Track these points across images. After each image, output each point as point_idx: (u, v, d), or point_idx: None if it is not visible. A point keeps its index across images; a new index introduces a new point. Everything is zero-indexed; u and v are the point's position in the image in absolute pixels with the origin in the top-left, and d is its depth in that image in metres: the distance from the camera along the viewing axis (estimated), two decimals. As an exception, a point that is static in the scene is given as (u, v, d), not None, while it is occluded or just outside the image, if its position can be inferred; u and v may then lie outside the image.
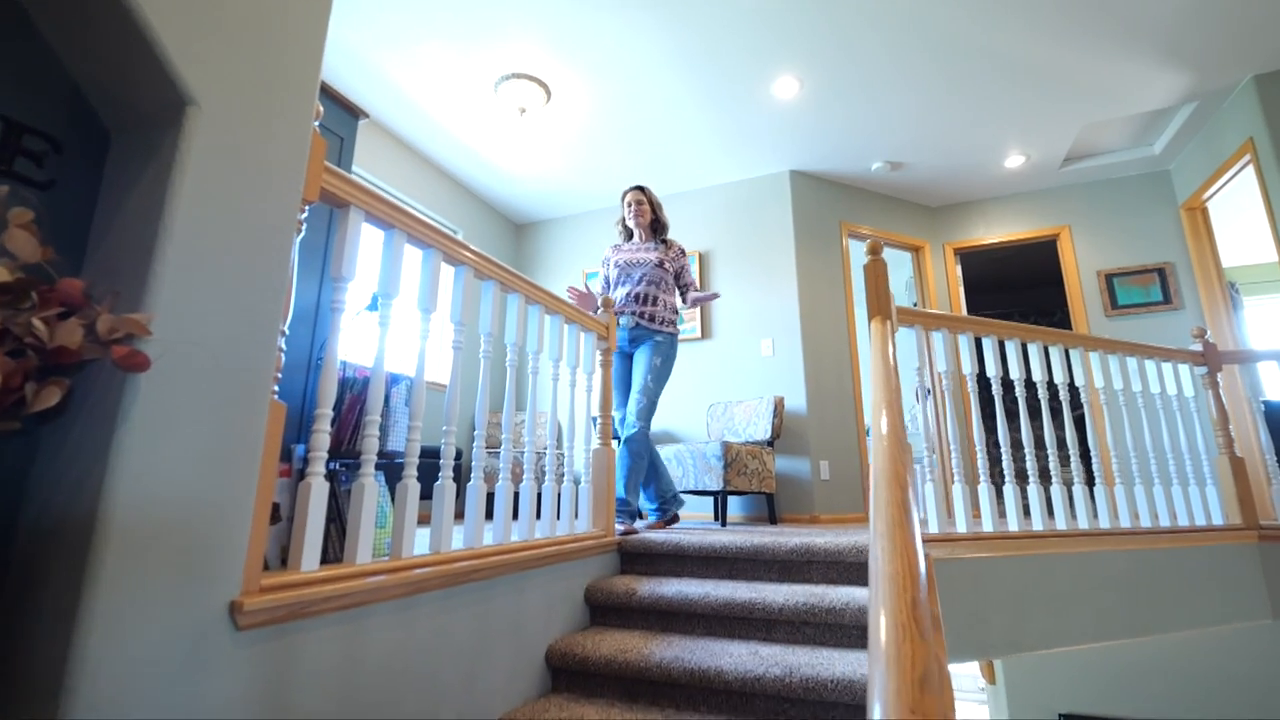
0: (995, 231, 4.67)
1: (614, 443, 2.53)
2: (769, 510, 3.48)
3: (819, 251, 4.25)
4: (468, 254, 1.75)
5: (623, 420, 2.75)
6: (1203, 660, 3.74)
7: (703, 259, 4.40)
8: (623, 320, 2.81)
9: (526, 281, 2.01)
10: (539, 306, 2.10)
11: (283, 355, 1.13)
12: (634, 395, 2.72)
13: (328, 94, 1.83)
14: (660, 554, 2.32)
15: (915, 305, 5.05)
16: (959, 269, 4.79)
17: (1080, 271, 4.39)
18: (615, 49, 3.20)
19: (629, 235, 3.06)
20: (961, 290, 4.71)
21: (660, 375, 2.76)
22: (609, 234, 4.76)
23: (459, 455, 3.31)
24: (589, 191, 4.64)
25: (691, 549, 2.26)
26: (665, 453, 3.46)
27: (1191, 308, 4.07)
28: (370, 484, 1.30)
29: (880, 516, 1.03)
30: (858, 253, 5.28)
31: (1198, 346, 2.96)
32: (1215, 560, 2.51)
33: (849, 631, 1.78)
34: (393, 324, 1.45)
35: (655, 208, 3.02)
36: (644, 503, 2.85)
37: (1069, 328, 4.77)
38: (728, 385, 4.12)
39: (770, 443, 3.60)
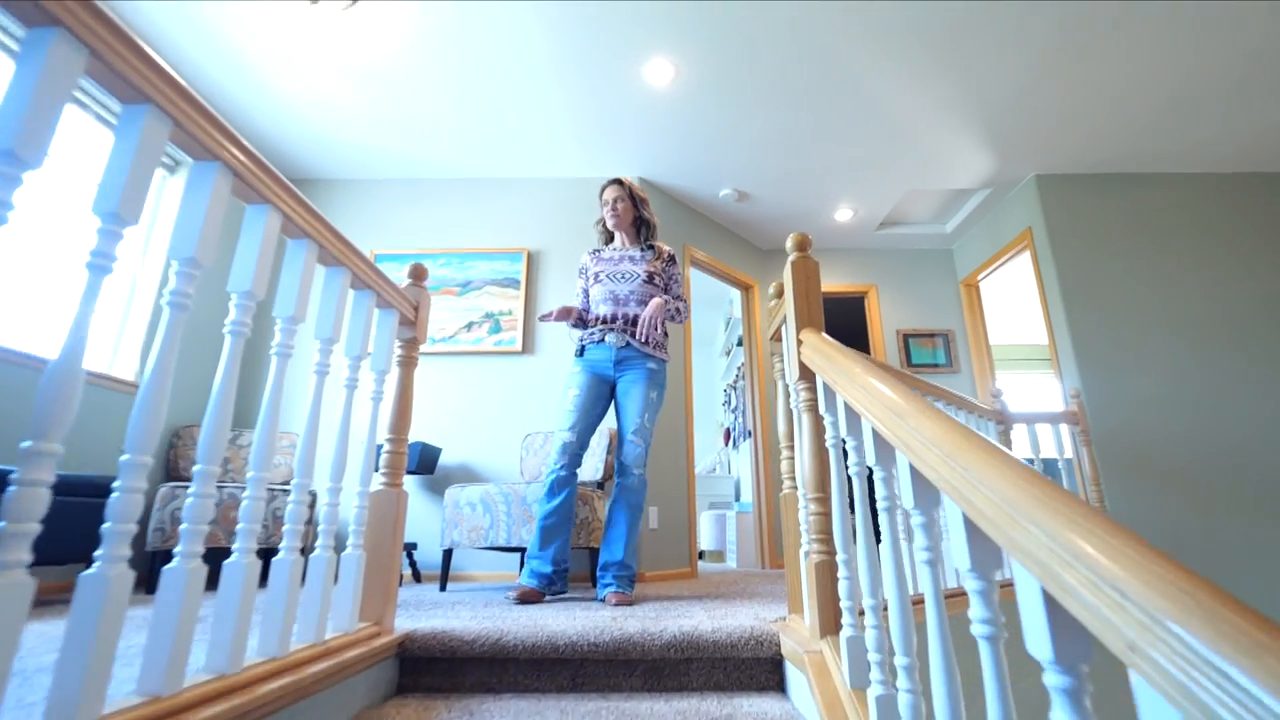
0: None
1: (553, 476, 2.19)
2: (591, 568, 2.82)
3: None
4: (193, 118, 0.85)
5: (564, 448, 2.25)
6: None
7: (531, 259, 3.69)
8: (610, 339, 2.31)
9: (305, 207, 1.14)
10: (306, 242, 1.23)
11: None
12: (630, 439, 2.24)
13: None
14: (470, 656, 1.52)
15: (740, 342, 4.95)
16: (782, 313, 4.80)
17: (884, 328, 4.67)
18: (460, -44, 2.43)
19: (609, 238, 2.57)
20: (783, 334, 4.70)
21: (656, 411, 2.30)
22: (422, 213, 3.81)
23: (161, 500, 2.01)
24: (396, 152, 3.65)
25: (518, 646, 1.50)
26: (468, 497, 2.62)
27: (965, 372, 4.54)
28: None
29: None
30: (698, 282, 5.05)
31: (995, 405, 3.14)
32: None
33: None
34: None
35: (638, 203, 2.50)
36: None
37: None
38: (549, 412, 3.42)
39: (601, 484, 2.97)
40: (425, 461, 3.07)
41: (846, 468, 1.25)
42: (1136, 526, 3.16)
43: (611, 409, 2.41)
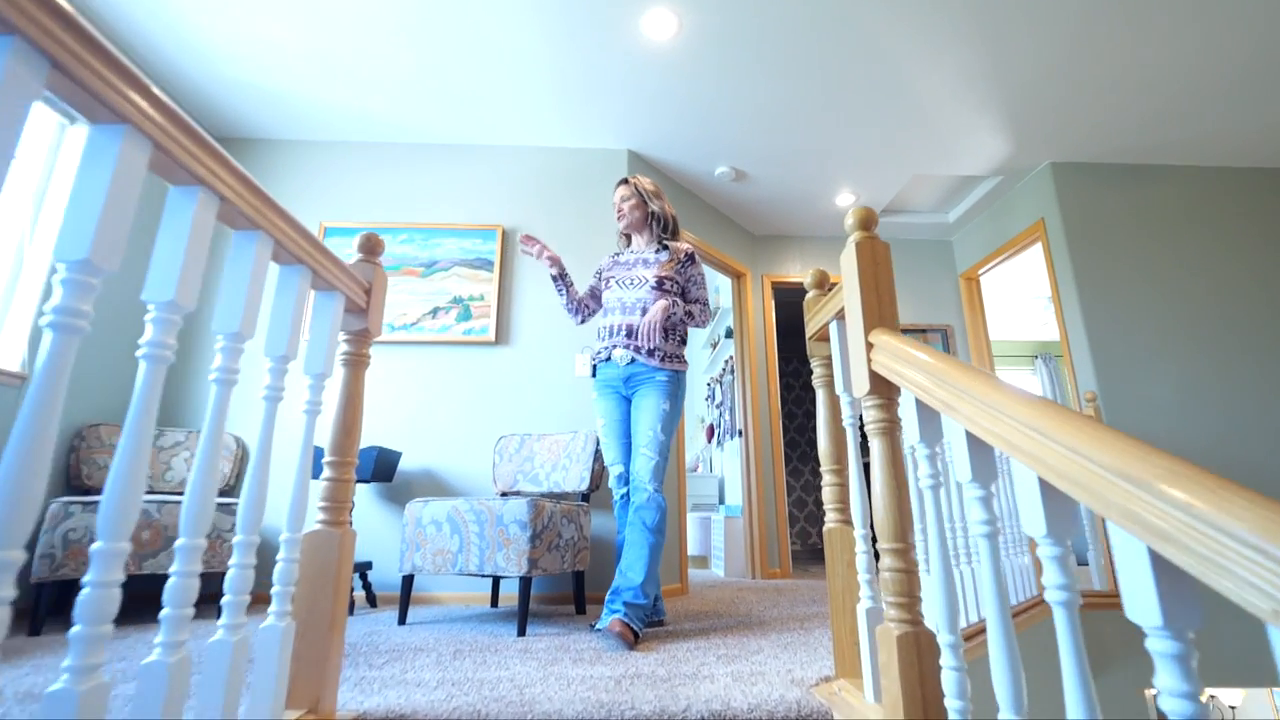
0: (812, 270, 4.48)
1: (617, 504, 2.17)
2: (575, 591, 2.47)
3: (651, 255, 3.48)
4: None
5: (620, 478, 2.19)
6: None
7: (505, 237, 3.28)
8: (616, 355, 2.17)
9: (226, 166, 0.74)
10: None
11: None
12: (640, 451, 2.07)
13: None
14: (436, 756, 1.15)
15: (729, 334, 4.64)
16: (773, 304, 4.51)
17: (881, 323, 4.41)
18: None
19: (628, 240, 2.42)
20: (774, 326, 4.41)
21: (670, 422, 2.11)
22: (380, 182, 3.35)
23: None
24: (350, 110, 3.18)
25: (502, 737, 1.15)
26: (432, 514, 2.23)
27: (964, 370, 4.33)
28: None
29: None
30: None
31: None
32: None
33: None
34: None
35: (648, 197, 2.32)
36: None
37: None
38: (526, 411, 3.03)
39: (586, 496, 2.62)
40: (382, 468, 2.66)
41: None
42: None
43: None
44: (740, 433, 4.07)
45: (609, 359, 2.19)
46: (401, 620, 2.23)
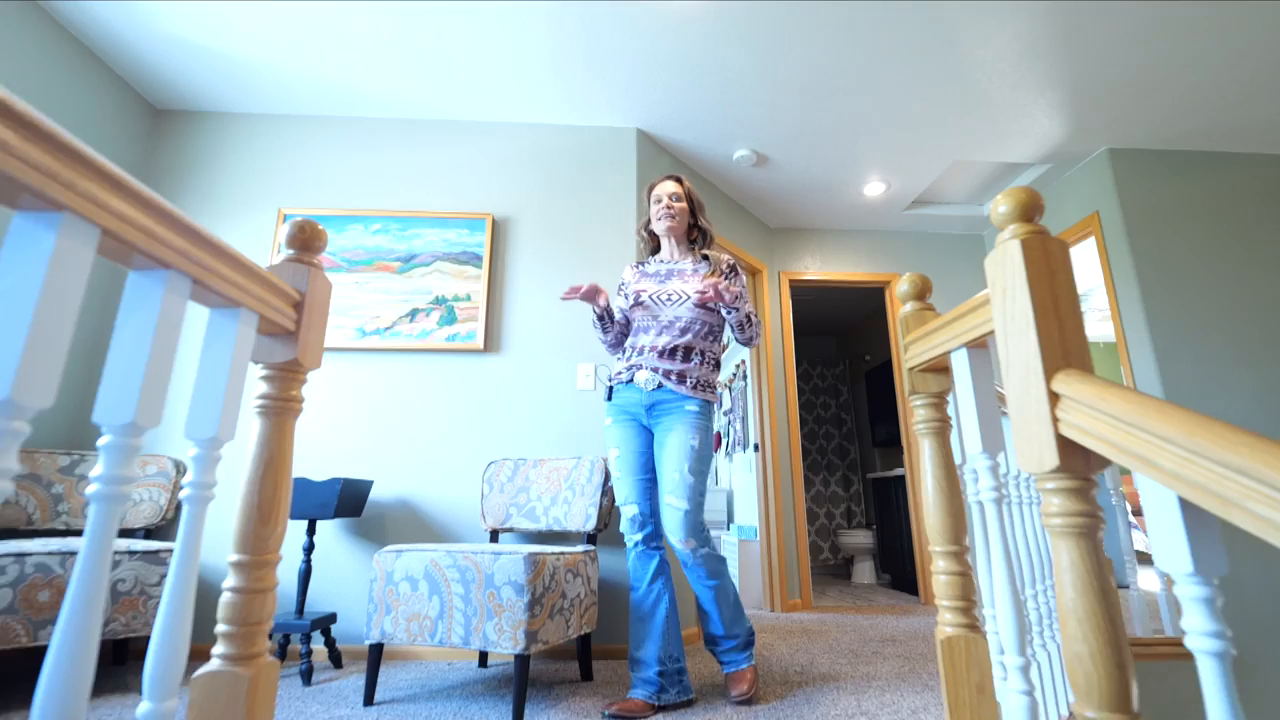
0: (831, 267, 4.10)
1: (632, 553, 1.84)
2: (580, 656, 2.06)
3: (662, 250, 3.06)
4: None
5: (635, 522, 1.84)
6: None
7: (496, 228, 2.84)
8: (640, 379, 1.87)
9: None
10: None
11: None
12: (667, 500, 1.77)
13: None
14: None
15: (742, 339, 4.23)
16: (791, 305, 4.11)
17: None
18: None
19: (654, 247, 2.13)
20: (791, 329, 4.01)
21: (701, 462, 1.81)
22: (351, 163, 2.89)
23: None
24: (317, 79, 2.72)
25: None
26: (406, 569, 1.81)
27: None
28: None
29: None
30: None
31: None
32: None
33: None
34: None
35: (697, 208, 2.08)
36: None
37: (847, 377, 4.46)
38: (521, 431, 2.61)
39: (593, 537, 2.21)
40: (348, 502, 2.23)
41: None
42: (1232, 577, 2.63)
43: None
44: (756, 446, 3.67)
45: (630, 381, 1.89)
46: (368, 700, 1.81)
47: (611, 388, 1.93)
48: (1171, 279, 3.03)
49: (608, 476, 2.24)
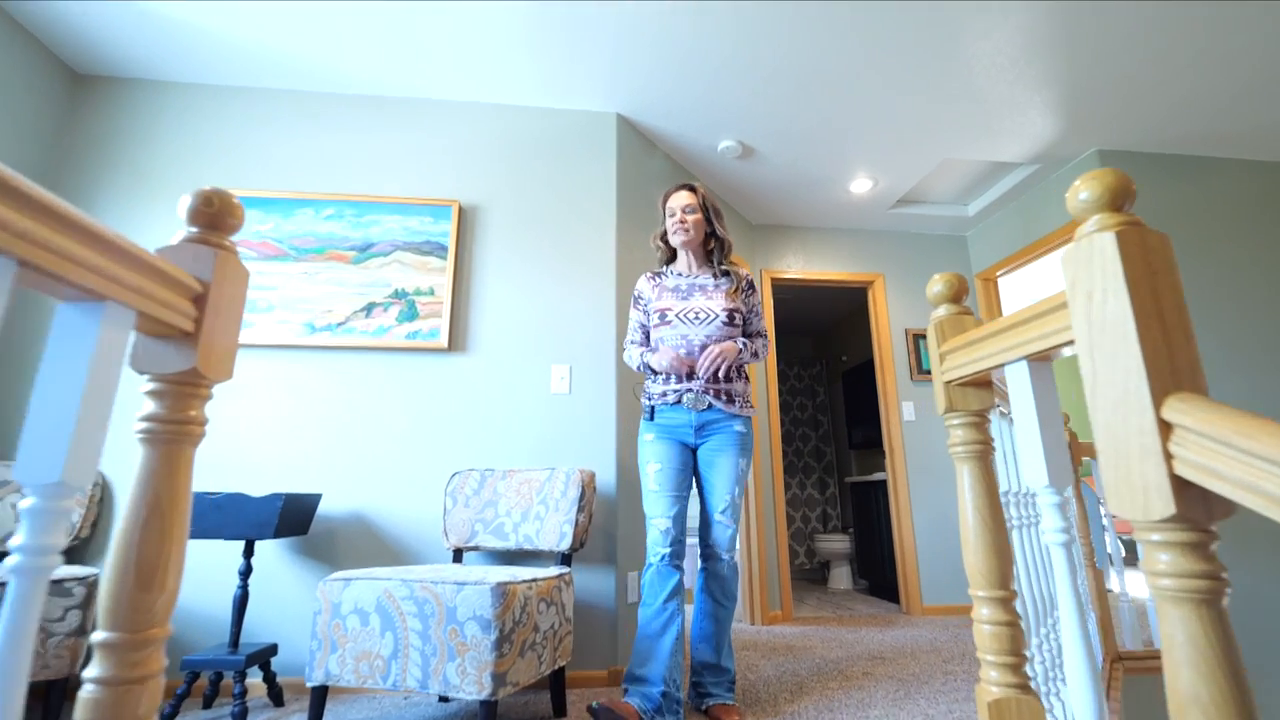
0: (815, 266, 3.98)
1: (652, 567, 1.79)
2: (552, 689, 1.87)
3: (647, 238, 2.88)
4: None
5: (666, 536, 1.79)
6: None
7: (463, 216, 2.61)
8: (688, 400, 1.86)
9: None
10: None
11: None
12: (717, 519, 1.86)
13: None
14: None
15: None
16: (773, 305, 3.98)
17: (891, 326, 3.94)
18: None
19: (670, 257, 2.09)
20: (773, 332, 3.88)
21: (744, 482, 1.91)
22: (302, 141, 2.62)
23: None
24: (266, 48, 2.44)
25: None
26: (356, 599, 1.59)
27: (980, 381, 3.90)
28: None
29: None
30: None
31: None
32: None
33: None
34: None
35: (714, 216, 2.01)
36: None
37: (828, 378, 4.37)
38: (489, 439, 2.39)
39: (568, 557, 2.01)
40: (292, 518, 1.99)
41: None
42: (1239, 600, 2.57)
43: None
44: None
45: (678, 403, 1.87)
46: (309, 750, 1.58)
47: (654, 408, 1.90)
48: (1160, 284, 2.98)
49: (584, 490, 2.05)
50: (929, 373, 3.85)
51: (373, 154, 2.63)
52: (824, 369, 6.01)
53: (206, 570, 2.13)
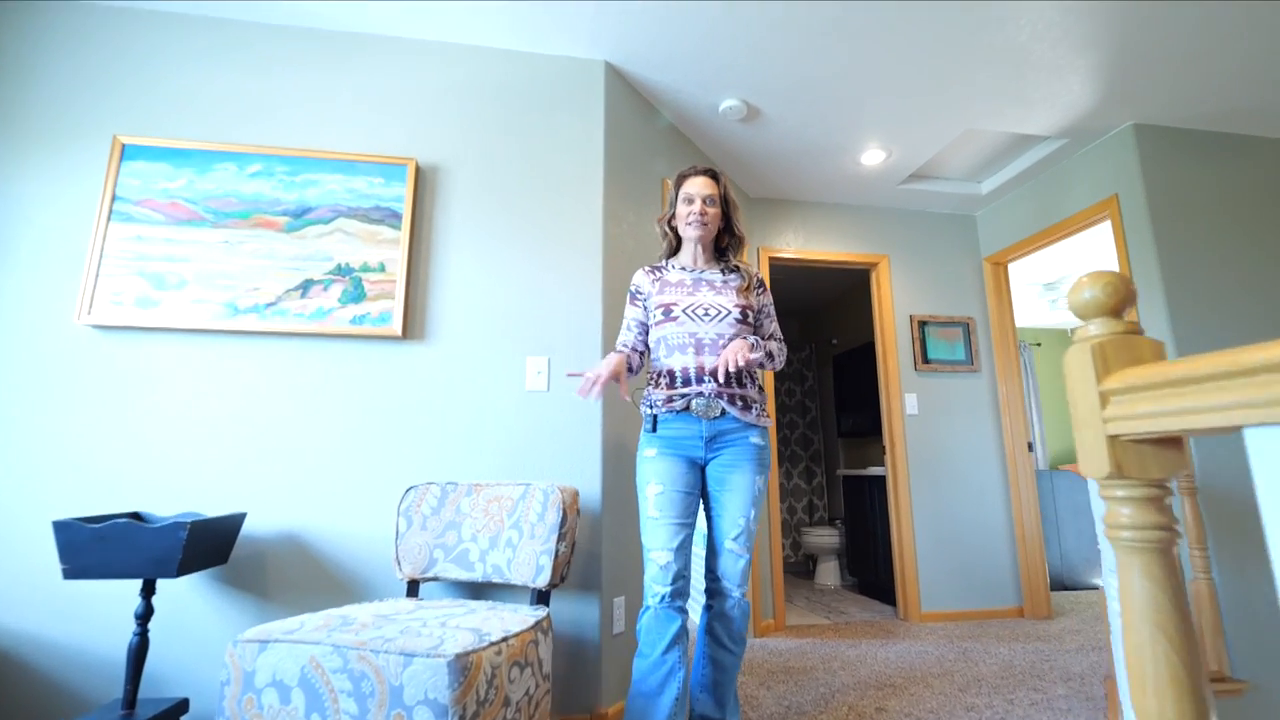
0: (814, 244, 3.65)
1: (650, 610, 1.54)
2: (527, 745, 1.56)
3: (639, 211, 2.50)
4: None
5: (667, 571, 1.52)
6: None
7: (420, 177, 2.20)
8: (697, 406, 1.59)
9: None
10: None
11: None
12: (728, 547, 1.59)
13: None
14: None
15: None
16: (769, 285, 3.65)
17: (896, 312, 3.66)
18: None
19: (674, 248, 1.81)
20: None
21: (760, 505, 1.63)
22: (224, 80, 2.13)
23: None
24: (158, -45, 1.95)
25: None
26: (276, 668, 1.24)
27: (986, 372, 3.67)
28: None
29: None
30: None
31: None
32: None
33: None
34: None
35: (732, 210, 1.78)
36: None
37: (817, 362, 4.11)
38: (451, 446, 2.03)
39: (546, 595, 1.69)
40: (204, 546, 1.61)
41: None
42: (1255, 608, 2.40)
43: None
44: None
45: (686, 410, 1.61)
46: None
47: (656, 417, 1.64)
48: (1197, 271, 2.73)
49: (565, 515, 1.72)
50: (934, 363, 3.59)
51: (311, 99, 2.19)
52: (813, 352, 5.75)
53: (103, 602, 1.75)
